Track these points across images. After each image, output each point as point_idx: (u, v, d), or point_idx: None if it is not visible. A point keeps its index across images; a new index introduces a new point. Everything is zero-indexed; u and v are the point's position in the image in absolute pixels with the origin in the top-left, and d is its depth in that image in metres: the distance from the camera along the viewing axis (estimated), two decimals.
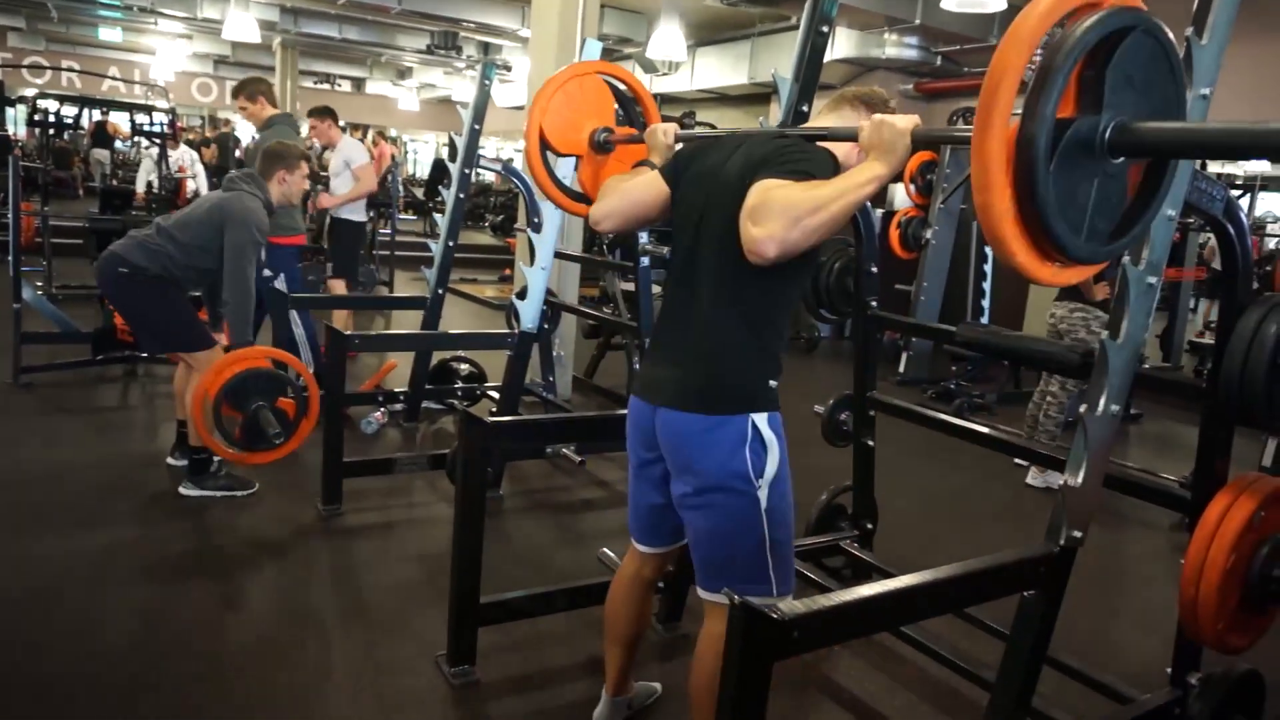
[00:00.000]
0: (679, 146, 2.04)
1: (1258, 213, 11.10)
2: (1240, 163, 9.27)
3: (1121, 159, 1.26)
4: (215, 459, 3.64)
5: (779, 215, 1.48)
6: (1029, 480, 4.52)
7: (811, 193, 1.50)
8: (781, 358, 1.81)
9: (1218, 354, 1.88)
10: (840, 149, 1.76)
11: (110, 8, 12.79)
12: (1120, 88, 1.22)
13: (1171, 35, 1.28)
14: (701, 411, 1.75)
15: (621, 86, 2.49)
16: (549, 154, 2.39)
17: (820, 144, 1.74)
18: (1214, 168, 7.75)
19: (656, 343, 1.92)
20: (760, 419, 1.74)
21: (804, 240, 1.49)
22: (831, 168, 1.66)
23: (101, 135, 13.93)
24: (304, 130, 6.56)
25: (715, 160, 1.83)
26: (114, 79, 16.64)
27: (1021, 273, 1.28)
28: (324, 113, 5.82)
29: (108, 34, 15.94)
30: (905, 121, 1.54)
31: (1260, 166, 9.90)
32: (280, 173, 3.63)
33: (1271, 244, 10.21)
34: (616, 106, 2.49)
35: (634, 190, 1.96)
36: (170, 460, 3.83)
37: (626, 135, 2.37)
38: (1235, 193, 7.75)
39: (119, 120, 14.76)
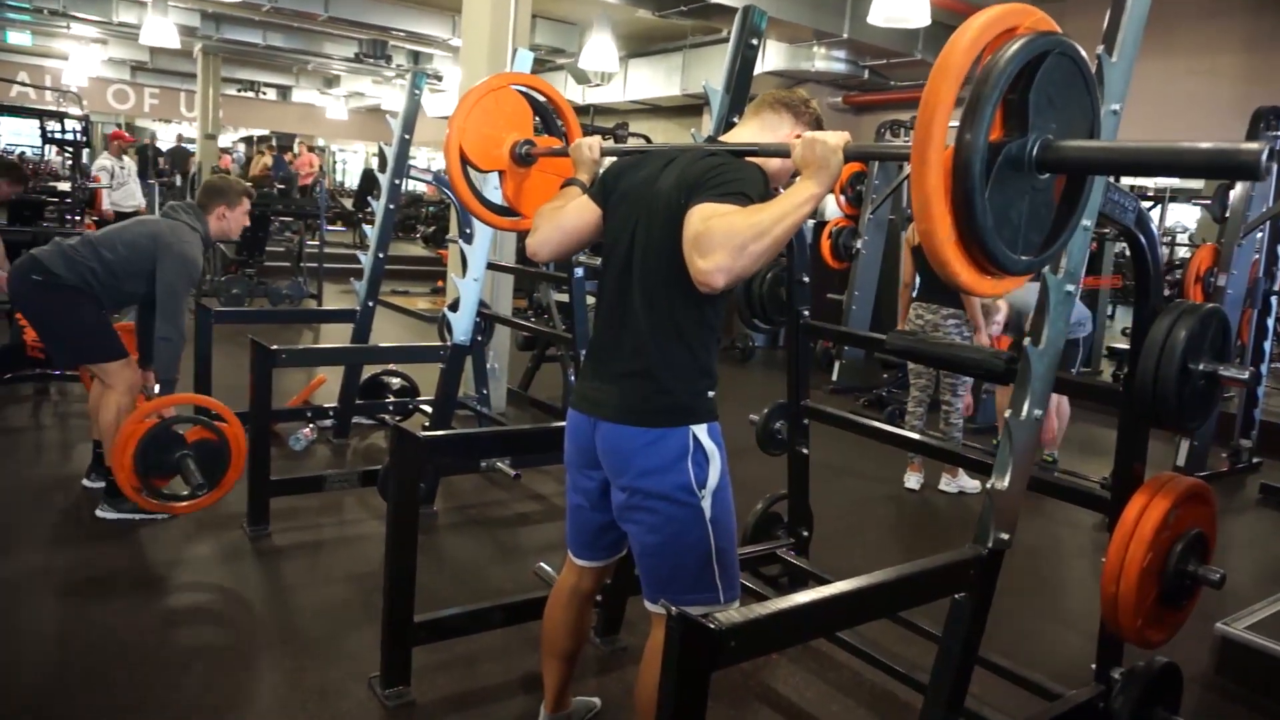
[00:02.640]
0: (606, 162, 2.03)
1: (1168, 223, 11.60)
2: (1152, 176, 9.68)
3: (1048, 175, 1.33)
4: None
5: (723, 245, 1.49)
6: (941, 486, 4.60)
7: (753, 218, 1.51)
8: (716, 369, 1.82)
9: (1132, 359, 1.95)
10: (768, 162, 1.78)
11: (18, 10, 12.25)
12: (1043, 108, 1.29)
13: (1085, 53, 1.34)
14: (643, 425, 1.75)
15: (538, 97, 2.48)
16: (471, 171, 2.37)
17: (748, 159, 1.75)
18: (1126, 181, 8.07)
19: (593, 357, 1.91)
20: (700, 430, 1.76)
21: (751, 266, 1.51)
22: (763, 184, 1.68)
23: None
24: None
25: (645, 175, 1.83)
26: (22, 84, 15.92)
27: (966, 290, 1.35)
28: None
29: (16, 37, 15.27)
30: (836, 138, 1.56)
31: (1170, 180, 10.37)
32: (220, 208, 3.54)
33: (1181, 253, 10.68)
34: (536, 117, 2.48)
35: (567, 218, 1.94)
36: (86, 482, 3.68)
37: (549, 147, 2.35)
38: (1146, 204, 8.09)
39: (28, 126, 14.18)
